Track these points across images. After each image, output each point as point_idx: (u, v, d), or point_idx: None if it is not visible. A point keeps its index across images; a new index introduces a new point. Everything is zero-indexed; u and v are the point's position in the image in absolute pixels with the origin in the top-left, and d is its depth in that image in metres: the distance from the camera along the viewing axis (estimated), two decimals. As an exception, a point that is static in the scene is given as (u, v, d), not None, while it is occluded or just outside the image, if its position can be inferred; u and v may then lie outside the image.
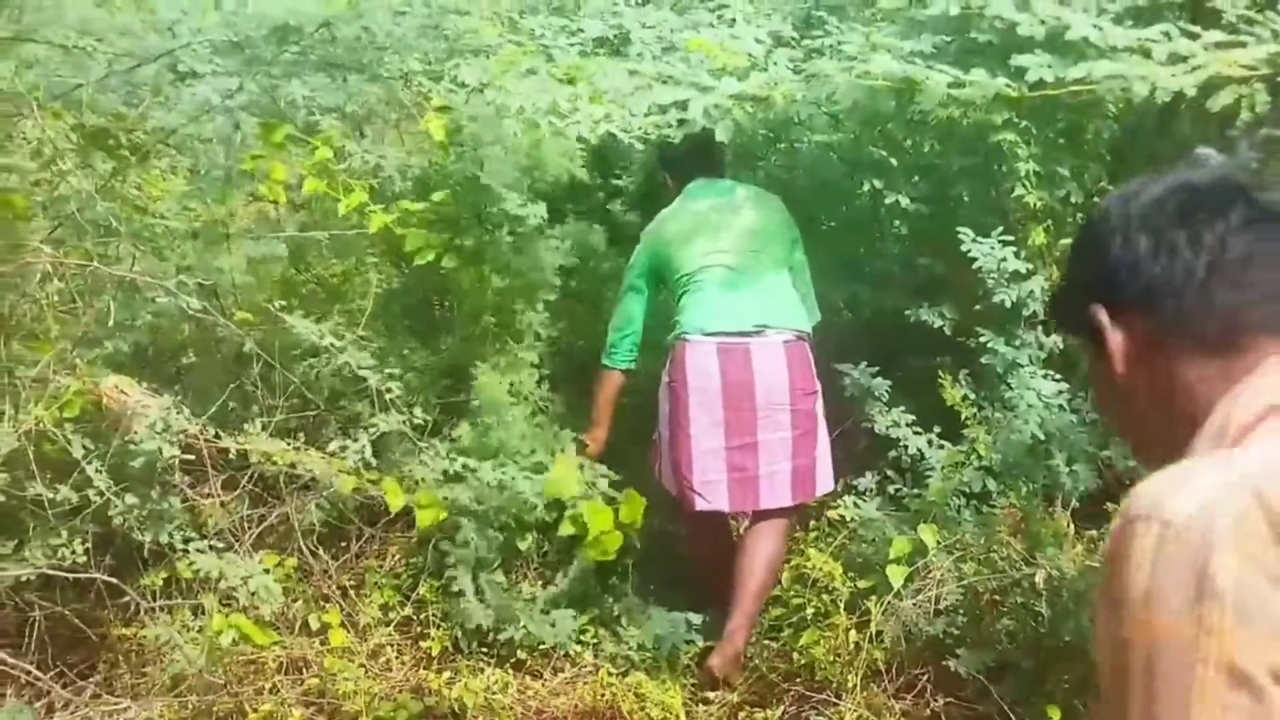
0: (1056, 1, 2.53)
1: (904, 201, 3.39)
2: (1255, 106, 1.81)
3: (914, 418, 3.38)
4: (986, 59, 2.99)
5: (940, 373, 3.24)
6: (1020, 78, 2.35)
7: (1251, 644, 0.78)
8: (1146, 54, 2.04)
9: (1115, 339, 1.01)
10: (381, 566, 3.66)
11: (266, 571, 3.04)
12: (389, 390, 3.30)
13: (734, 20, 3.03)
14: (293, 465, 3.13)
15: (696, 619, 3.31)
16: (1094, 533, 3.09)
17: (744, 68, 3.09)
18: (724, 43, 2.69)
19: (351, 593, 3.51)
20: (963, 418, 3.15)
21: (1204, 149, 2.99)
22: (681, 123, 2.41)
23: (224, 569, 2.96)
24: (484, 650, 3.33)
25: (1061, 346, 3.45)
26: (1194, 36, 2.02)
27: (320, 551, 3.64)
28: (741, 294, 3.20)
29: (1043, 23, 2.26)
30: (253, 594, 2.89)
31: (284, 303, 3.29)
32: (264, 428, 3.26)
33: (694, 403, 3.18)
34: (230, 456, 3.27)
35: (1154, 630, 0.81)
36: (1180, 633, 0.79)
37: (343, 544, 3.74)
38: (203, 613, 3.14)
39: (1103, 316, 1.02)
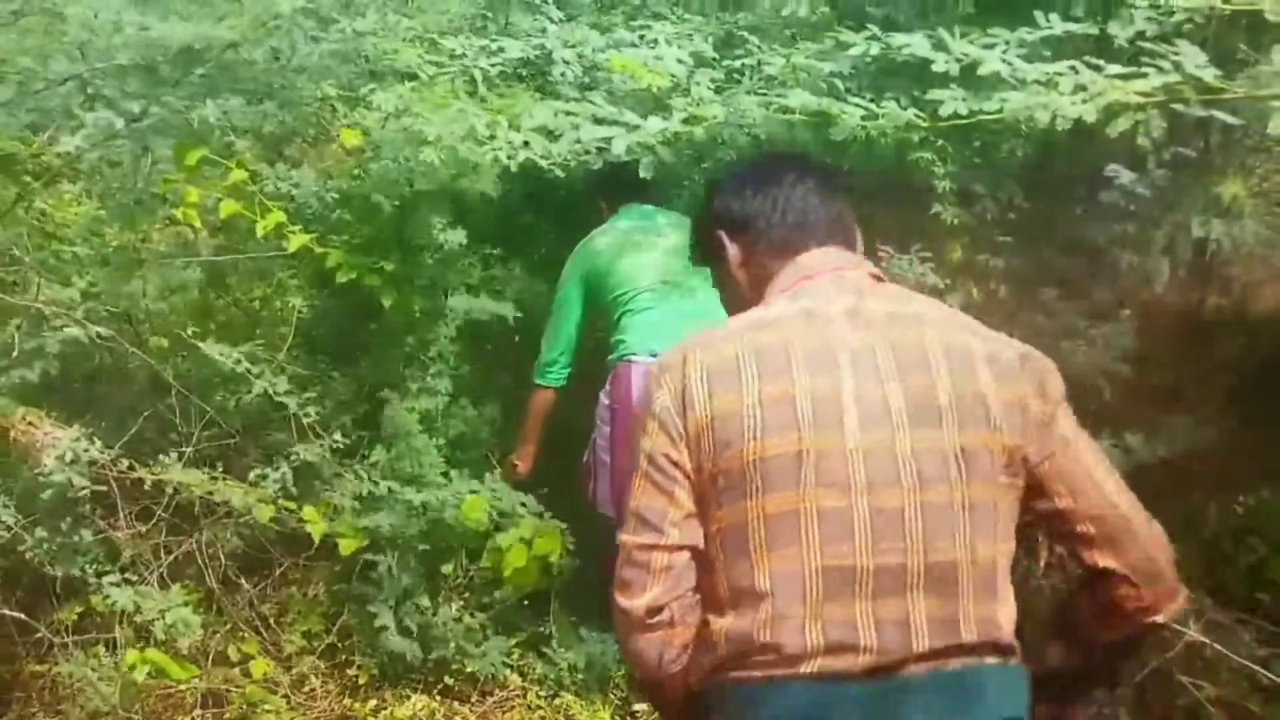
0: (984, 34, 2.63)
1: (824, 219, 3.42)
2: (1151, 132, 1.90)
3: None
4: (903, 79, 3.06)
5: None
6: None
7: (656, 440, 1.35)
8: (1054, 85, 2.12)
9: (733, 251, 1.56)
10: (306, 595, 3.59)
11: (185, 604, 2.97)
12: (307, 415, 3.25)
13: (655, 41, 3.04)
14: (209, 495, 3.06)
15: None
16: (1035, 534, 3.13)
17: (666, 88, 3.13)
18: (647, 63, 2.69)
19: (274, 622, 3.43)
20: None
21: (1114, 165, 3.07)
22: (602, 150, 2.41)
23: (139, 602, 2.88)
24: (411, 677, 3.28)
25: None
26: (1098, 69, 2.10)
27: (242, 581, 3.57)
28: (684, 314, 3.20)
29: (957, 60, 2.32)
30: (169, 627, 2.81)
31: (198, 329, 3.22)
32: (180, 457, 3.19)
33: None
34: (146, 487, 3.19)
35: (635, 429, 1.39)
36: (642, 433, 1.37)
37: (265, 572, 3.66)
38: (118, 647, 3.06)
39: (725, 238, 1.56)
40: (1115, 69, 2.10)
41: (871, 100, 3.05)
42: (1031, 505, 1.38)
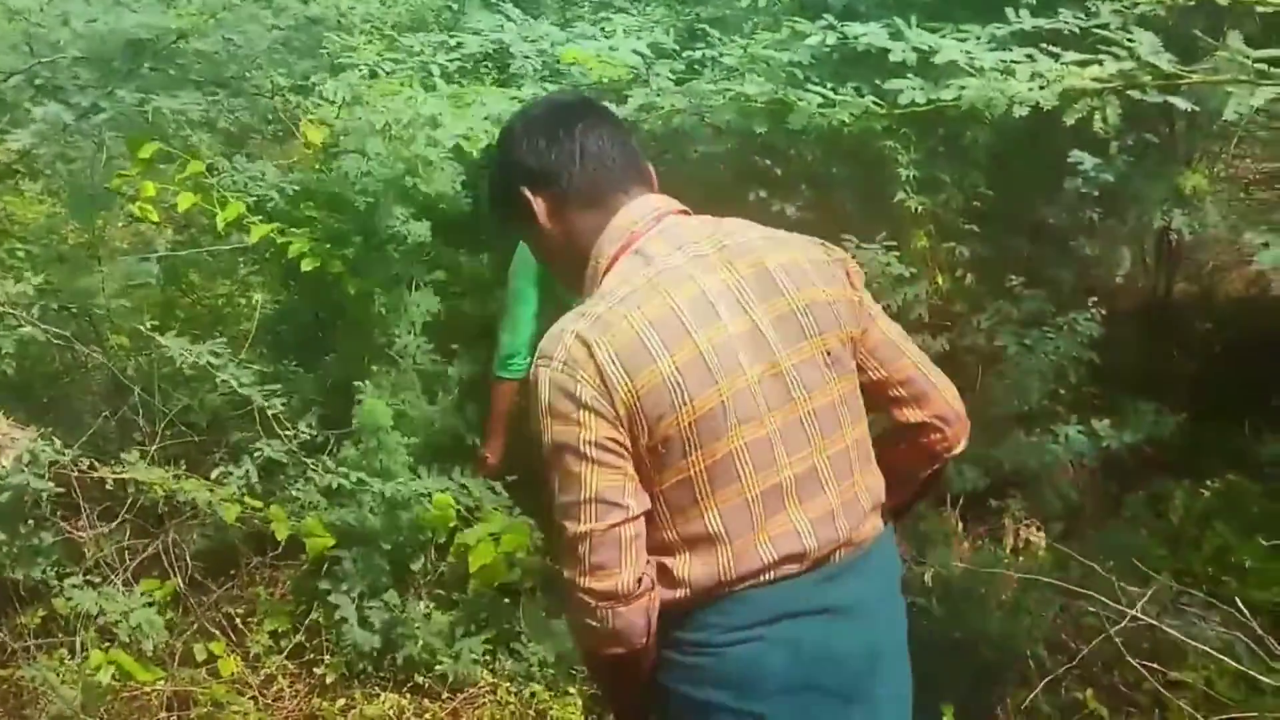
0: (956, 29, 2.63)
1: (789, 210, 3.42)
2: (1107, 118, 1.89)
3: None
4: (866, 69, 3.05)
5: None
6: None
7: (594, 428, 1.34)
8: (1011, 74, 2.12)
9: (539, 206, 1.50)
10: (273, 594, 3.56)
11: (150, 604, 2.94)
12: (272, 408, 3.22)
13: (613, 33, 3.02)
14: (171, 494, 3.02)
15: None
16: (982, 530, 3.14)
17: (626, 80, 3.11)
18: (601, 54, 2.67)
19: (240, 622, 3.40)
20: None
21: (1076, 151, 3.06)
22: None
23: (102, 604, 2.85)
24: (379, 675, 3.25)
25: (948, 348, 3.53)
26: (1056, 57, 2.10)
27: (209, 581, 3.53)
28: None
29: (915, 50, 2.32)
30: (134, 629, 2.78)
31: (156, 323, 3.18)
32: (143, 456, 3.15)
33: None
34: (108, 487, 3.15)
35: (555, 432, 1.37)
36: (568, 429, 1.35)
37: (231, 572, 3.62)
38: (83, 650, 3.03)
39: (528, 194, 1.50)
40: (1073, 56, 2.09)
41: (832, 89, 3.06)
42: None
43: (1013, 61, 2.07)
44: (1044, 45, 2.19)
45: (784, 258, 1.47)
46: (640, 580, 1.38)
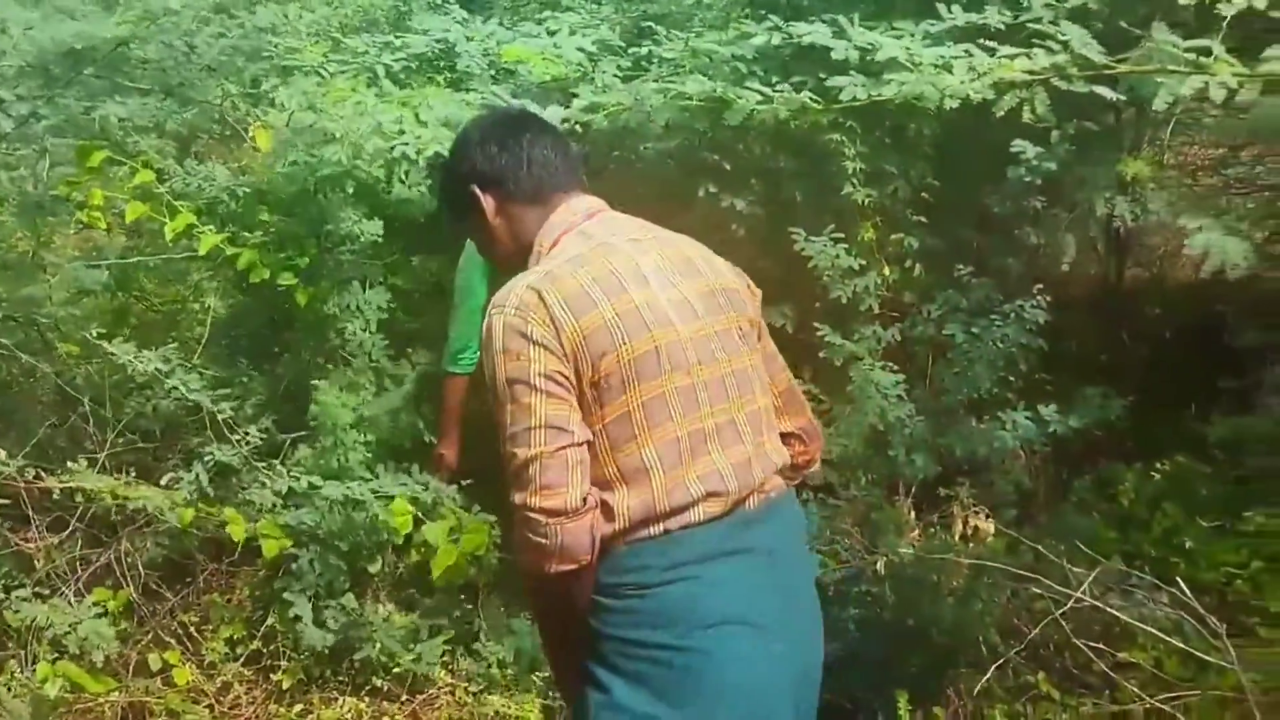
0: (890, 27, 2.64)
1: (739, 204, 3.43)
2: (1036, 108, 1.94)
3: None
4: (811, 64, 3.07)
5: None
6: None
7: (543, 361, 1.52)
8: (949, 69, 2.15)
9: (488, 203, 1.73)
10: (230, 600, 3.53)
11: (102, 615, 2.92)
12: (222, 412, 3.20)
13: (557, 31, 3.02)
14: (123, 501, 3.00)
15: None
16: (934, 517, 3.18)
17: (574, 78, 3.12)
18: (544, 52, 2.68)
19: (195, 630, 3.37)
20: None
21: (1019, 140, 3.11)
22: None
23: (51, 616, 2.82)
24: (337, 679, 3.24)
25: (899, 339, 3.56)
26: (992, 52, 2.13)
27: (164, 589, 3.51)
28: None
29: (857, 48, 2.35)
30: (83, 640, 2.76)
31: (103, 331, 3.15)
32: (91, 464, 3.13)
33: None
34: (55, 497, 3.12)
35: (508, 369, 1.54)
36: (520, 364, 1.53)
37: (188, 580, 3.60)
38: (34, 662, 2.99)
39: (479, 192, 1.73)
40: (1008, 50, 2.13)
41: (777, 84, 3.07)
42: None
43: (952, 58, 2.10)
44: (981, 41, 2.21)
45: (701, 253, 1.73)
46: (585, 500, 1.53)
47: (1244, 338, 3.90)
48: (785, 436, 1.76)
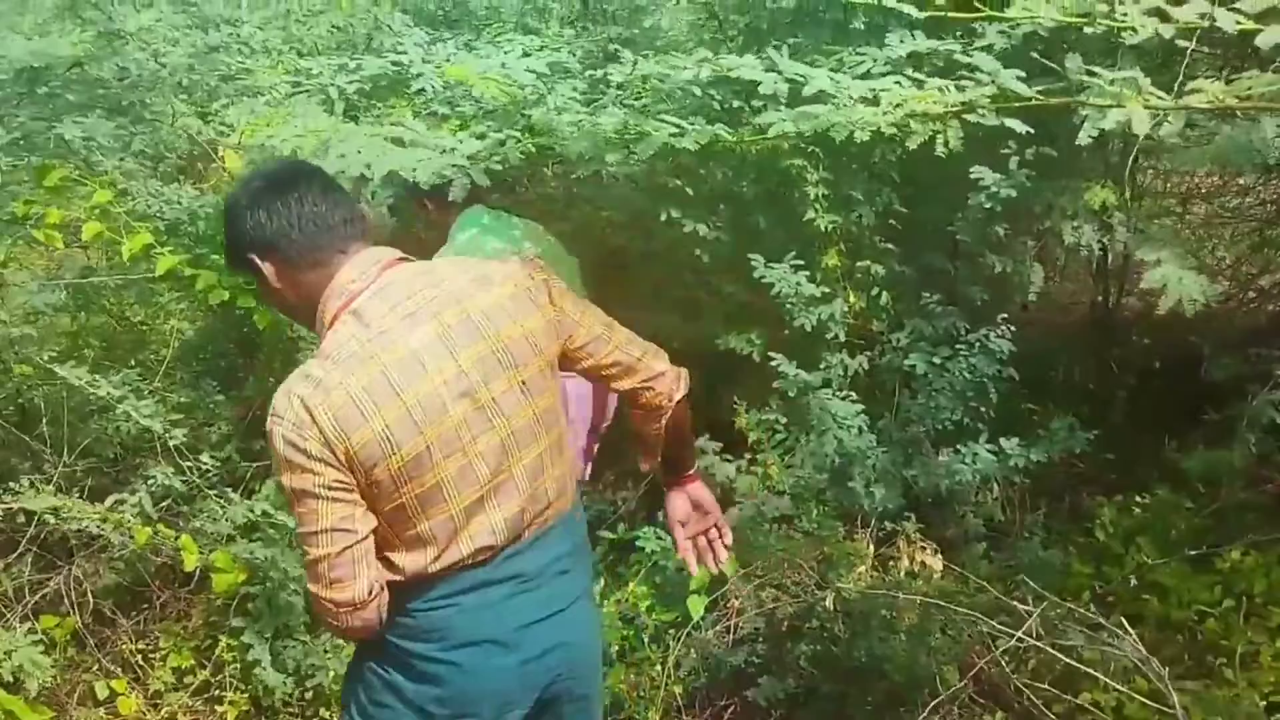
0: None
1: (702, 230, 3.39)
2: (949, 141, 1.90)
3: (721, 445, 3.35)
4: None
5: (736, 399, 3.24)
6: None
7: (323, 474, 1.60)
8: (875, 101, 2.11)
9: (268, 269, 1.70)
10: (184, 629, 3.48)
11: (37, 643, 2.87)
12: (174, 438, 3.16)
13: (507, 51, 2.99)
14: (64, 522, 2.96)
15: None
16: (890, 551, 3.10)
17: (531, 99, 3.08)
18: (490, 74, 2.64)
19: (144, 658, 3.32)
20: (749, 442, 3.15)
21: (978, 167, 3.02)
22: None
23: (-12, 643, 2.78)
24: (288, 710, 3.19)
25: (866, 369, 3.49)
26: (920, 84, 2.09)
27: (118, 616, 3.46)
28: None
29: (787, 81, 2.31)
30: (17, 668, 2.71)
31: (55, 353, 3.12)
32: (35, 486, 3.09)
33: (573, 405, 3.16)
34: (-1, 520, 3.09)
35: (293, 480, 1.62)
36: (302, 476, 1.61)
37: (144, 606, 3.55)
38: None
39: (257, 260, 1.70)
40: (937, 81, 2.08)
41: (736, 108, 3.04)
42: (571, 366, 1.85)
43: (880, 90, 2.05)
44: (908, 72, 2.17)
45: (487, 301, 1.72)
46: (371, 589, 1.68)
47: (1219, 370, 3.82)
48: (633, 392, 1.91)
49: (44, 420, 3.53)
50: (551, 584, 1.83)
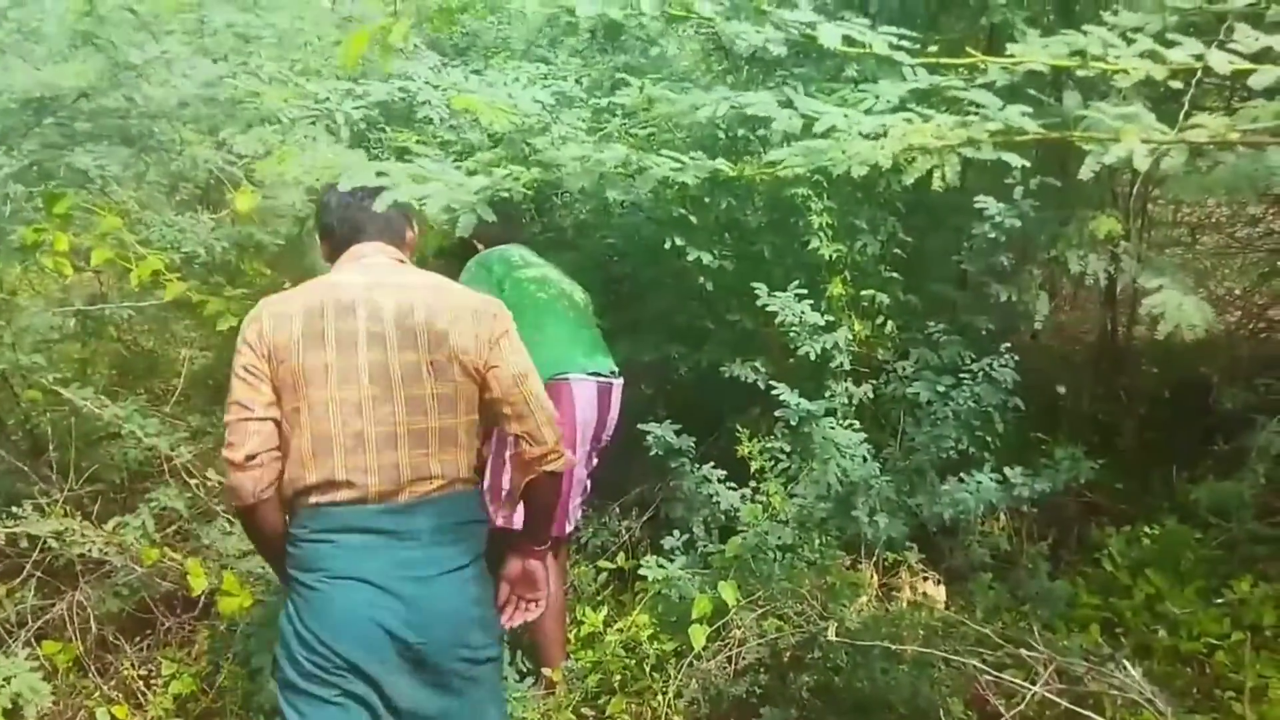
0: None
1: (706, 258, 3.39)
2: (945, 175, 1.89)
3: (725, 473, 3.34)
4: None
5: (739, 426, 3.23)
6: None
7: (247, 357, 2.06)
8: (883, 135, 2.10)
9: (324, 248, 2.30)
10: (189, 655, 3.48)
11: (40, 667, 2.87)
12: (180, 456, 3.17)
13: (515, 80, 3.01)
14: (68, 546, 2.96)
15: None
16: (894, 580, 3.08)
17: (536, 128, 3.10)
18: (495, 102, 2.66)
19: (146, 684, 3.31)
20: (751, 470, 3.13)
21: (983, 197, 3.02)
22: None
23: (-12, 669, 2.78)
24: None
25: (871, 397, 3.48)
26: (927, 119, 2.08)
27: (122, 642, 3.46)
28: (595, 334, 3.19)
29: (803, 117, 2.31)
30: (16, 694, 2.71)
31: (61, 377, 3.14)
32: (41, 510, 3.10)
33: (580, 437, 3.12)
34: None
35: (235, 358, 2.08)
36: (238, 356, 2.08)
37: (147, 632, 3.55)
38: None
39: (319, 237, 2.33)
40: (941, 118, 2.07)
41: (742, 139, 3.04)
42: (481, 396, 2.13)
43: (889, 126, 2.04)
44: (913, 107, 2.17)
45: (438, 302, 2.12)
46: (254, 458, 2.03)
47: (1229, 400, 3.79)
48: (516, 438, 2.15)
49: (51, 446, 3.54)
50: (428, 550, 2.09)
